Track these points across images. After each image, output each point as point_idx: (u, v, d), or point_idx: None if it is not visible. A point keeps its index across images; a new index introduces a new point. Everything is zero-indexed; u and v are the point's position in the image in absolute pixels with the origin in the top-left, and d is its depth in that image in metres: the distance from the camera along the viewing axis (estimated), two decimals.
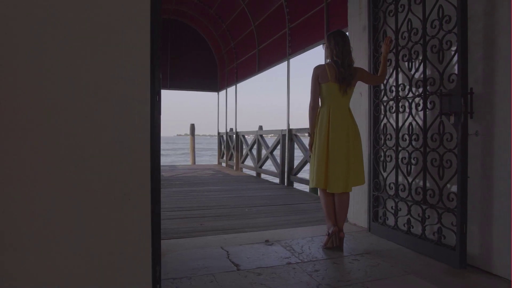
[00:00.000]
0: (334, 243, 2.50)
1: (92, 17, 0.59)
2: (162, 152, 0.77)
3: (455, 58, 2.18)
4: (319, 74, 2.48)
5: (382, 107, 2.86)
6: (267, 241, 2.72)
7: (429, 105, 2.40)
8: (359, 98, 3.11)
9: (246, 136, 9.00)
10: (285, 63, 6.36)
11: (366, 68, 2.89)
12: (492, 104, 2.06)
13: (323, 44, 2.63)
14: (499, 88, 2.03)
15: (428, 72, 2.41)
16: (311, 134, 2.57)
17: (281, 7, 6.28)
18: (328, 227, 2.55)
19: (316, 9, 5.29)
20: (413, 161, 2.53)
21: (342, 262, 2.31)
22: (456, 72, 2.17)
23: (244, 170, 8.99)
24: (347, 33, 2.90)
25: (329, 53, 2.51)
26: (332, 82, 2.44)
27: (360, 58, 3.01)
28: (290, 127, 6.27)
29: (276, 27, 6.65)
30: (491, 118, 2.07)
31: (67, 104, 0.57)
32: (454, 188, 2.20)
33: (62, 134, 0.57)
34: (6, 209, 0.56)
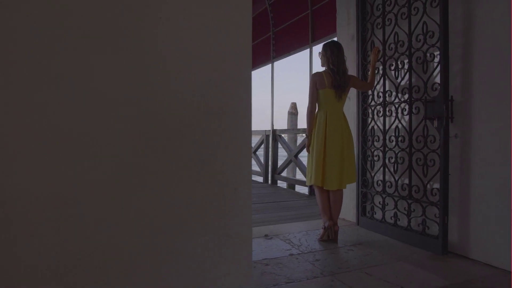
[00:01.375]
0: (330, 236, 2.73)
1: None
2: None
3: (438, 69, 2.46)
4: (316, 80, 2.70)
5: (370, 111, 3.12)
6: (266, 235, 2.91)
7: (414, 110, 2.67)
8: (348, 102, 3.35)
9: None
10: (269, 65, 6.57)
11: (354, 74, 3.14)
12: (469, 110, 2.36)
13: (319, 52, 2.84)
14: (476, 96, 2.32)
15: (413, 80, 2.68)
16: (309, 136, 2.78)
17: (265, 11, 6.48)
18: (323, 221, 2.78)
19: (301, 15, 5.53)
20: (399, 161, 2.80)
21: (339, 252, 2.55)
22: (438, 81, 2.45)
23: None
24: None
25: (325, 61, 2.74)
26: (328, 88, 2.67)
27: (349, 66, 3.25)
28: (274, 128, 6.50)
29: (260, 30, 6.84)
30: (469, 123, 2.36)
31: (192, 121, 0.71)
32: (436, 184, 2.49)
33: (192, 144, 0.72)
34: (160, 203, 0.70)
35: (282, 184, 6.75)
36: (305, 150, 2.97)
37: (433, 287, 1.95)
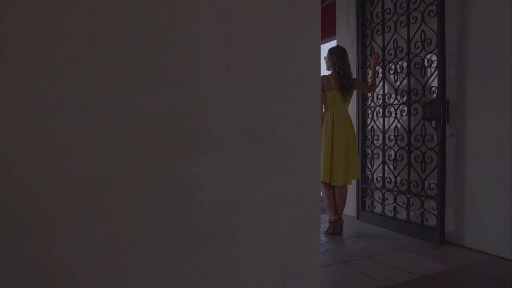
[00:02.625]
0: (336, 229, 2.92)
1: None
2: None
3: (435, 74, 2.68)
4: (324, 83, 2.88)
5: (370, 112, 3.33)
6: None
7: (412, 111, 2.89)
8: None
9: None
10: None
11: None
12: (464, 112, 2.59)
13: (325, 56, 3.02)
14: (469, 99, 2.55)
15: (411, 84, 2.90)
16: None
17: None
18: (329, 215, 2.96)
19: None
20: (398, 158, 3.02)
21: (345, 244, 2.74)
22: (436, 85, 2.68)
23: None
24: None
25: (331, 65, 2.92)
26: (335, 90, 2.86)
27: None
28: None
29: None
30: (463, 123, 2.59)
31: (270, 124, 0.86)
32: (434, 179, 2.71)
33: (279, 143, 0.87)
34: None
35: None
36: None
37: (435, 271, 2.16)
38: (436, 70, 2.65)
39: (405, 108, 2.95)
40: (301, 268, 0.91)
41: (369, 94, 3.34)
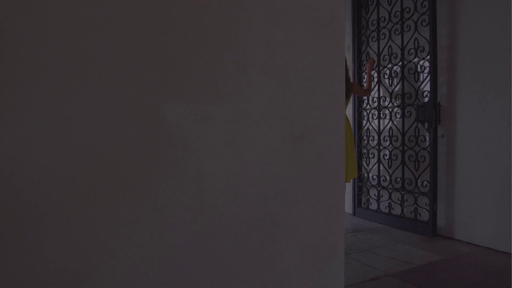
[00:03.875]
0: None
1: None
2: None
3: (427, 79, 2.88)
4: None
5: (365, 114, 3.53)
6: None
7: (406, 114, 3.09)
8: None
9: None
10: None
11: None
12: (454, 114, 2.80)
13: None
14: (459, 103, 2.76)
15: (405, 88, 3.10)
16: None
17: None
18: None
19: None
20: (393, 158, 3.22)
21: (344, 238, 2.91)
22: (428, 89, 2.88)
23: None
24: None
25: None
26: None
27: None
28: None
29: None
30: (453, 125, 2.80)
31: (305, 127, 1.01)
32: (426, 177, 2.91)
33: (313, 144, 1.02)
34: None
35: None
36: None
37: (430, 261, 2.35)
38: (428, 76, 2.86)
39: (399, 111, 3.15)
40: (330, 249, 1.06)
41: (365, 97, 3.53)
